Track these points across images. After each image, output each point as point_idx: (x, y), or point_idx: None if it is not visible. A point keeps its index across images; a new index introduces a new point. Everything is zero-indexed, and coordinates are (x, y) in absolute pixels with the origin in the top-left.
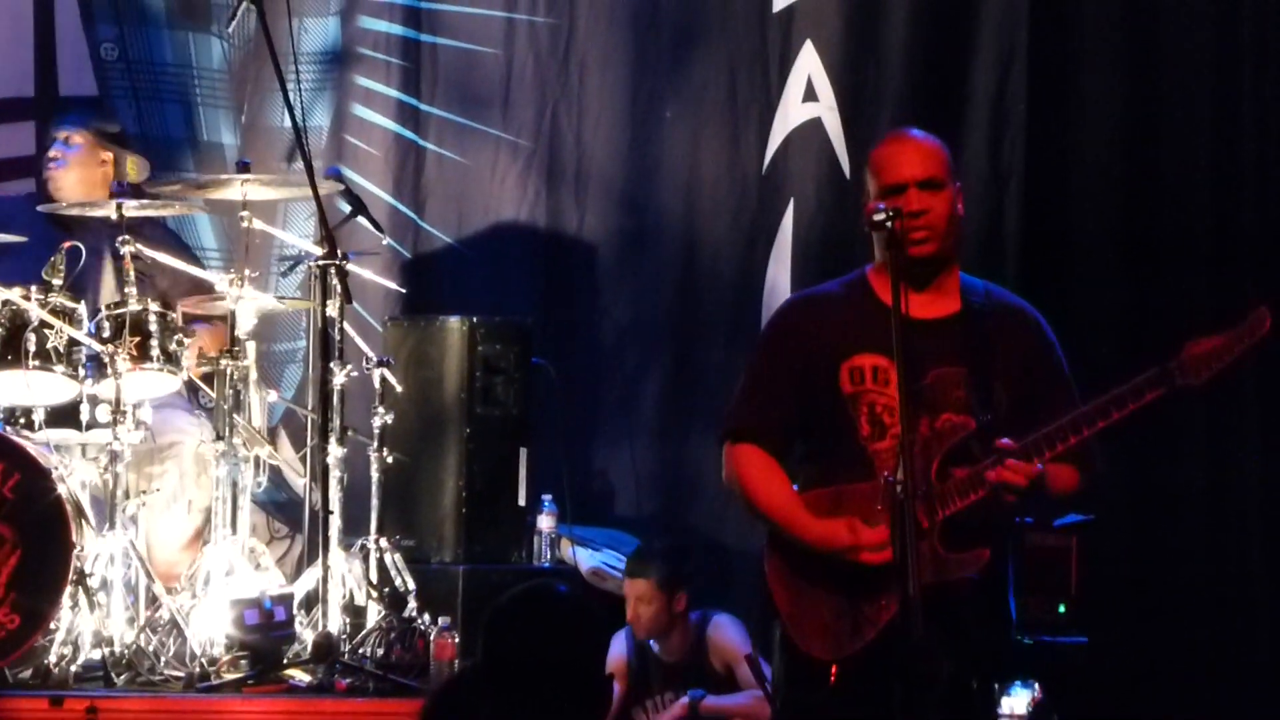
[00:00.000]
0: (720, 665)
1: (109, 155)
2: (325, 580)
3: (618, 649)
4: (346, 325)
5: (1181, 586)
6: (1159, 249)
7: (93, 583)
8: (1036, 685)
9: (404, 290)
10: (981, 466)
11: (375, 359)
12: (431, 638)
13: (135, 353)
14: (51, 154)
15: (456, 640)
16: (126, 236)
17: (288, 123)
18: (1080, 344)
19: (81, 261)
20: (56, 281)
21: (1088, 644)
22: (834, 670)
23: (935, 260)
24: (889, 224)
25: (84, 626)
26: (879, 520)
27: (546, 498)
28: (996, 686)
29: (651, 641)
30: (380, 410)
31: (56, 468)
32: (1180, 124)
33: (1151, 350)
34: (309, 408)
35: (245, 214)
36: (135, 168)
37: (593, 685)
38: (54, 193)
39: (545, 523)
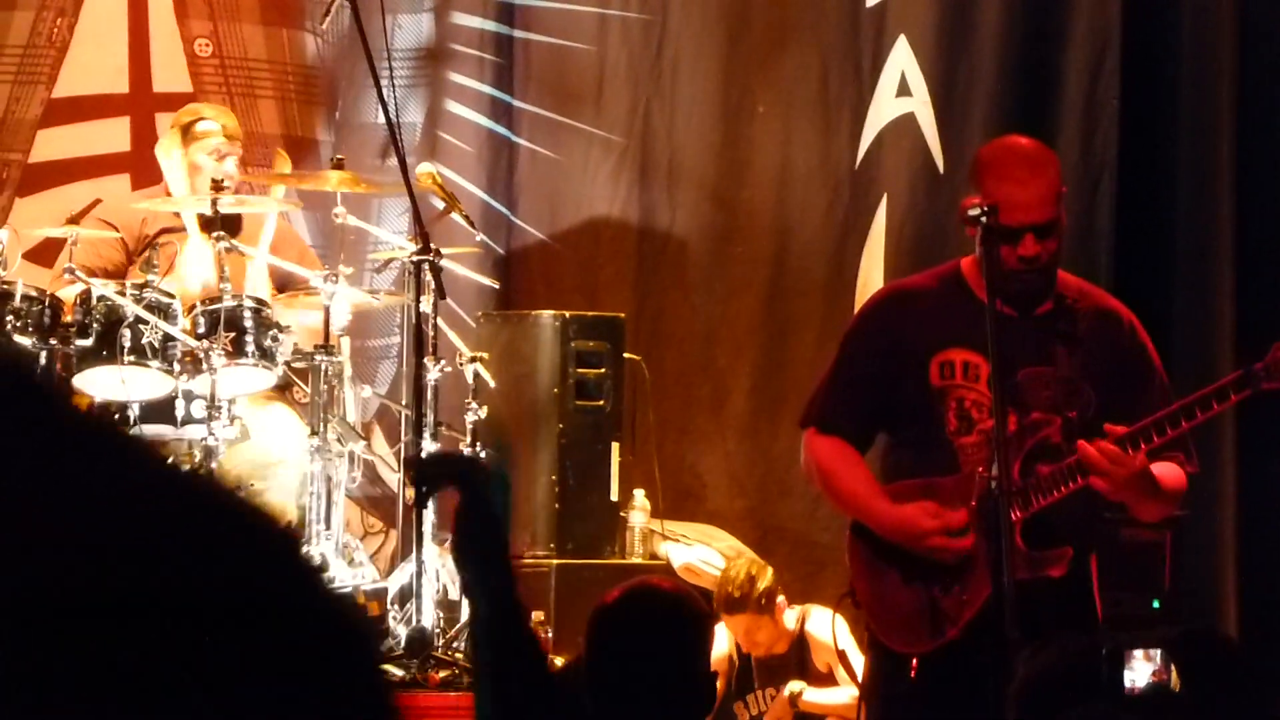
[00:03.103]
0: (821, 662)
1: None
2: (419, 575)
3: (720, 645)
4: (440, 321)
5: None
6: (1260, 244)
7: None
8: (1159, 656)
9: (497, 286)
10: (1067, 461)
11: (469, 354)
12: None
13: (230, 348)
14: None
15: (550, 634)
16: (222, 232)
17: (382, 119)
18: (1178, 342)
19: (179, 255)
20: (152, 277)
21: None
22: (914, 664)
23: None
24: (984, 219)
25: None
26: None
27: (639, 492)
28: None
29: None
30: (473, 405)
31: None
32: None
33: (1253, 348)
34: (403, 403)
35: (340, 210)
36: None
37: (697, 682)
38: (202, 168)
39: (638, 518)
